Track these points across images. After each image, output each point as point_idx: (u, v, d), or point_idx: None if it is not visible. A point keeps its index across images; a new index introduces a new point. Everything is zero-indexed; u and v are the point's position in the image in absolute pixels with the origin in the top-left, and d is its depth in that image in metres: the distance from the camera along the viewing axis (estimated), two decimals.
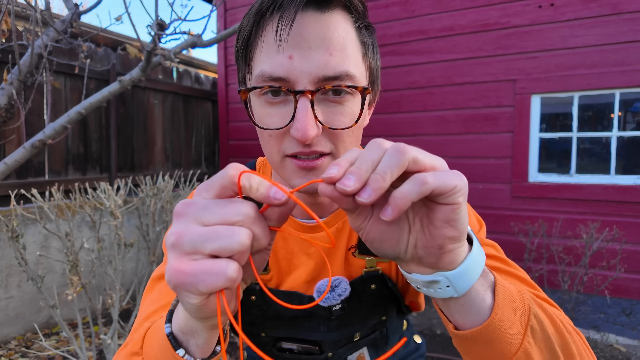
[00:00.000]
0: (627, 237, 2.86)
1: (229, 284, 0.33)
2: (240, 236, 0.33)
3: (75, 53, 3.32)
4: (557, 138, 3.18)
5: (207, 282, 0.32)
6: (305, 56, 0.50)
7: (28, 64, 1.78)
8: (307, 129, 0.49)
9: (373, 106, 0.67)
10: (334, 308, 0.68)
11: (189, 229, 0.34)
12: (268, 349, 0.77)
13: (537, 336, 0.44)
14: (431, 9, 3.44)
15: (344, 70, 0.51)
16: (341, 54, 0.51)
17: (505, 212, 3.26)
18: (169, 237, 0.34)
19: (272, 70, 0.50)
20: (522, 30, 3.15)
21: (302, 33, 0.49)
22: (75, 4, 2.03)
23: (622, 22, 2.87)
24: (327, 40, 0.50)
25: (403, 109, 3.57)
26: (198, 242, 0.33)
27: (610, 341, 2.93)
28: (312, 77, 0.50)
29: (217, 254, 0.33)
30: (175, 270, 0.33)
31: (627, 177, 2.96)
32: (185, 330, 0.43)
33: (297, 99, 0.50)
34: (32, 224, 2.86)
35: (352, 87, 0.52)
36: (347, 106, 0.53)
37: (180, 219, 0.35)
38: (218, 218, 0.34)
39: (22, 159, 1.75)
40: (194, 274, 0.33)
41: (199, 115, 4.85)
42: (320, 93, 0.52)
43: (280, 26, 0.49)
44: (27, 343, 2.80)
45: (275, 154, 0.55)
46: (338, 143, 0.54)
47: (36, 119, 3.20)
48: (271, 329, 0.74)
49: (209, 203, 0.35)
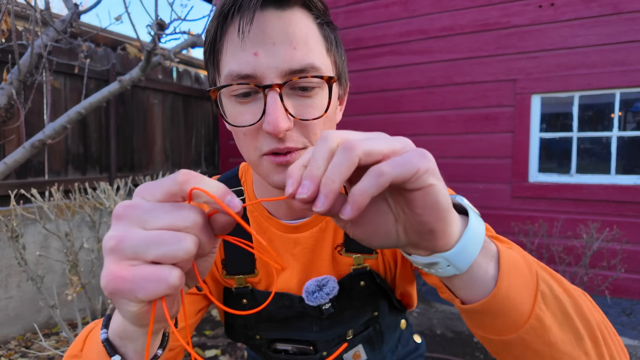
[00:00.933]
0: (628, 237, 2.86)
1: (171, 291, 0.31)
2: (186, 243, 0.31)
3: (75, 53, 3.31)
4: (557, 138, 3.18)
5: (147, 289, 0.31)
6: (270, 51, 0.51)
7: (28, 63, 1.78)
8: (278, 120, 0.50)
9: (344, 102, 0.67)
10: (323, 307, 0.68)
11: (130, 233, 0.32)
12: (264, 351, 0.77)
13: (549, 301, 0.42)
14: (431, 8, 3.43)
15: (309, 63, 0.52)
16: (305, 47, 0.52)
17: (505, 212, 3.26)
18: (107, 240, 0.32)
19: (240, 68, 0.51)
20: (523, 30, 3.14)
21: (265, 30, 0.51)
22: (75, 3, 2.03)
23: (623, 22, 2.87)
24: (290, 35, 0.51)
25: (403, 108, 3.57)
26: (140, 247, 0.31)
27: None
28: (279, 71, 0.51)
29: (159, 261, 0.31)
30: (113, 275, 0.31)
31: (628, 177, 2.96)
32: (122, 335, 0.41)
33: (266, 94, 0.51)
34: (32, 224, 2.85)
35: (318, 77, 0.52)
36: (316, 99, 0.54)
37: (121, 221, 0.33)
38: (164, 223, 0.32)
39: (22, 159, 1.75)
40: (133, 280, 0.31)
41: (199, 115, 4.85)
42: (289, 87, 0.53)
43: (241, 25, 0.50)
44: (27, 343, 2.79)
45: (251, 153, 0.56)
46: (311, 137, 0.55)
47: (36, 119, 3.20)
48: (265, 331, 0.74)
49: (153, 206, 0.33)
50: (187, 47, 2.07)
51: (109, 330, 0.42)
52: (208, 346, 2.82)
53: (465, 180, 3.37)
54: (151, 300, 0.32)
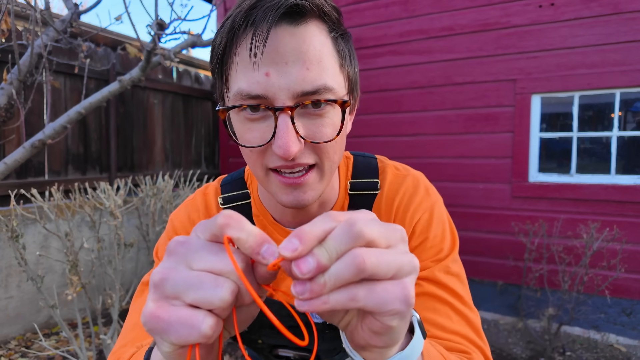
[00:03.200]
0: (628, 237, 2.86)
1: (202, 340, 0.31)
2: (222, 290, 0.31)
3: (75, 53, 3.31)
4: (557, 138, 3.18)
5: (179, 334, 0.31)
6: (282, 72, 0.49)
7: (28, 63, 1.78)
8: (289, 145, 0.49)
9: (354, 112, 0.65)
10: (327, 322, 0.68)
11: (175, 271, 0.32)
12: (266, 354, 0.77)
13: None
14: (431, 8, 3.43)
15: (322, 84, 0.50)
16: (318, 67, 0.50)
17: (505, 212, 3.26)
18: (154, 274, 0.33)
19: (250, 89, 0.49)
20: (523, 30, 3.14)
21: (277, 48, 0.48)
22: (75, 3, 2.03)
23: (623, 22, 2.87)
24: (303, 54, 0.49)
25: (403, 108, 3.57)
26: (181, 288, 0.32)
27: (611, 341, 2.93)
28: (291, 93, 0.49)
29: (197, 305, 0.31)
30: (151, 314, 0.32)
31: (628, 177, 2.96)
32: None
33: (277, 116, 0.49)
34: (32, 224, 2.85)
35: (332, 100, 0.51)
36: (328, 117, 0.52)
37: (171, 257, 0.33)
38: (207, 265, 0.32)
39: (22, 159, 1.75)
40: (168, 322, 0.31)
41: (199, 115, 4.85)
42: (300, 107, 0.51)
43: (254, 43, 0.48)
44: (27, 343, 2.79)
45: (258, 169, 0.55)
46: (322, 155, 0.54)
47: (36, 119, 3.20)
48: (267, 337, 0.74)
49: (202, 246, 0.33)
50: (187, 47, 2.07)
51: None
52: None
53: (465, 180, 3.37)
54: (184, 345, 0.32)
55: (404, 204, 0.66)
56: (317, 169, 0.55)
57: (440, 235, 0.66)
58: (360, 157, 0.72)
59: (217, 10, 4.38)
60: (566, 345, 2.84)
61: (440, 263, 0.64)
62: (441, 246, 0.65)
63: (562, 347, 2.80)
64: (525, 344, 2.92)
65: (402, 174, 0.70)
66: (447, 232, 0.67)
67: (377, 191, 0.67)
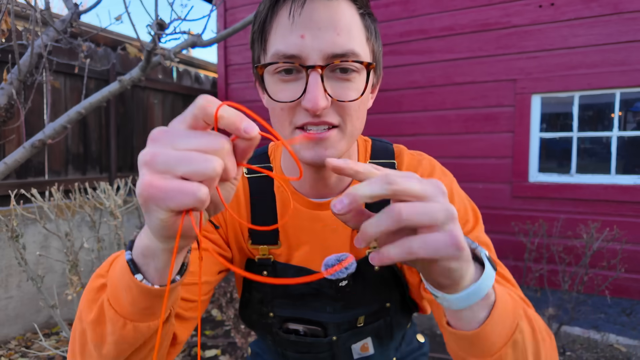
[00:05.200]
0: (628, 237, 2.86)
1: (198, 204, 0.34)
2: (213, 163, 0.34)
3: (75, 53, 3.31)
4: (557, 138, 3.18)
5: (177, 199, 0.33)
6: (315, 35, 0.55)
7: (28, 63, 1.78)
8: (317, 99, 0.54)
9: (376, 90, 0.70)
10: (340, 284, 0.70)
11: (163, 151, 0.34)
12: (275, 331, 0.78)
13: (517, 347, 0.48)
14: (431, 8, 3.43)
15: (350, 49, 0.56)
16: (347, 34, 0.56)
17: (505, 212, 3.26)
18: (142, 155, 0.35)
19: (286, 49, 0.56)
20: (523, 29, 3.14)
21: (312, 16, 0.55)
22: (75, 3, 2.03)
23: (623, 22, 2.87)
24: (335, 22, 0.55)
25: (403, 108, 3.57)
26: (171, 163, 0.34)
27: (611, 341, 2.93)
28: (322, 54, 0.55)
29: (188, 177, 0.34)
30: (147, 184, 0.34)
31: (628, 177, 2.96)
32: (146, 252, 0.43)
33: (308, 74, 0.55)
34: (32, 223, 2.85)
35: (358, 62, 0.57)
36: (354, 82, 0.58)
37: (156, 142, 0.35)
38: (193, 145, 0.34)
39: (22, 159, 1.75)
40: (165, 189, 0.34)
41: None
42: (329, 70, 0.57)
43: (292, 9, 0.55)
44: (27, 343, 2.80)
45: (286, 127, 0.60)
46: (345, 116, 0.59)
47: (36, 119, 3.20)
48: (279, 308, 0.75)
49: (185, 132, 0.35)
50: (187, 47, 2.07)
51: (133, 250, 0.45)
52: (208, 346, 2.82)
53: (465, 180, 3.37)
54: (180, 210, 0.35)
55: None
56: (339, 129, 0.60)
57: (463, 209, 0.70)
58: (378, 142, 0.78)
59: (217, 10, 4.38)
60: (566, 345, 2.84)
61: (469, 234, 0.67)
62: (466, 218, 0.69)
63: (562, 347, 2.80)
64: None
65: (417, 157, 0.76)
66: (469, 207, 0.71)
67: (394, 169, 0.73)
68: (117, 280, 0.46)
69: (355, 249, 0.72)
